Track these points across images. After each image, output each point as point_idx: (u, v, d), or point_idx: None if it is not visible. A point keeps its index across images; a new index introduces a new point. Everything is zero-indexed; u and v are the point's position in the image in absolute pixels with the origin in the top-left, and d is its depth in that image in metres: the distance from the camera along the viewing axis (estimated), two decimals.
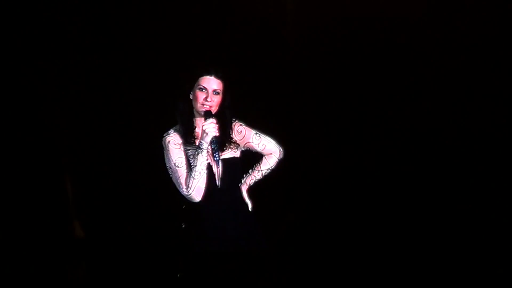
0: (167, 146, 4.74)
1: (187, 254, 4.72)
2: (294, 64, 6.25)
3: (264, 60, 6.13)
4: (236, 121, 4.91)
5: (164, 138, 4.77)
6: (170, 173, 4.75)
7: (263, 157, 4.97)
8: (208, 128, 4.62)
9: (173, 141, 4.75)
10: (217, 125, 4.65)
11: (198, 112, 4.76)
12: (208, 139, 4.63)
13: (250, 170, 4.96)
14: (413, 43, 6.14)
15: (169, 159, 4.75)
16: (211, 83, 4.74)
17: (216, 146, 4.65)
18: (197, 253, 4.67)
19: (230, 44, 6.08)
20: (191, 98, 4.77)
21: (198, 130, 4.81)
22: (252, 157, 4.99)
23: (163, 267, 4.97)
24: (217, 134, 4.65)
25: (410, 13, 6.10)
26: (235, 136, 4.87)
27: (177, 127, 4.82)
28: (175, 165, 4.72)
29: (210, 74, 4.76)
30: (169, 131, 4.79)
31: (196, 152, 4.67)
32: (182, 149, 4.75)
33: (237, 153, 4.87)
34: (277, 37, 6.18)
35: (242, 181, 4.91)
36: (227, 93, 4.78)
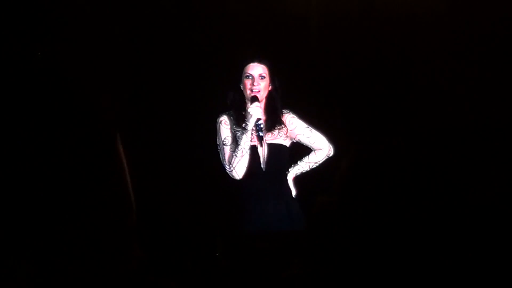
0: (218, 125, 4.99)
1: (227, 233, 4.92)
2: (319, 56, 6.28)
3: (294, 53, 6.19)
4: (290, 112, 5.05)
5: (218, 118, 5.01)
6: (219, 150, 5.01)
7: (313, 151, 5.08)
8: (253, 110, 4.84)
9: (225, 121, 4.98)
10: (262, 108, 4.88)
11: (248, 99, 4.96)
12: (252, 120, 4.84)
13: (298, 161, 5.07)
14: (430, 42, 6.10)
15: (219, 137, 4.99)
16: (256, 69, 4.95)
17: (260, 128, 4.85)
18: (237, 232, 4.84)
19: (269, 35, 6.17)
20: (242, 88, 4.99)
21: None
22: (302, 150, 5.09)
23: (204, 246, 5.04)
24: (261, 117, 4.87)
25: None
26: (287, 126, 5.01)
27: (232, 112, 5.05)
28: (223, 143, 4.96)
29: (254, 61, 4.97)
30: (225, 113, 5.02)
31: (241, 133, 4.89)
32: (232, 130, 4.97)
33: (286, 142, 5.01)
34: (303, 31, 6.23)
35: (290, 169, 5.02)
36: (274, 76, 4.98)
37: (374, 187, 1.53)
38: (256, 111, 4.85)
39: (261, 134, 4.84)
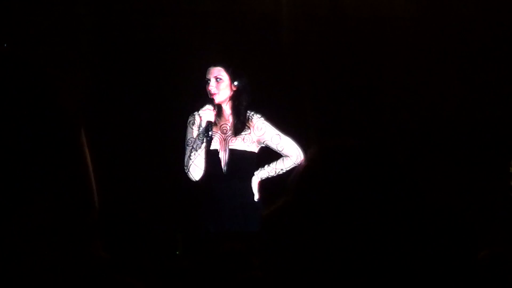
0: (187, 125, 5.03)
1: (184, 233, 4.95)
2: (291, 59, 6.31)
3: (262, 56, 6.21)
4: (261, 117, 5.04)
5: (189, 117, 5.04)
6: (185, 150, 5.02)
7: (281, 158, 5.07)
8: (203, 113, 4.88)
9: (192, 122, 5.01)
10: (213, 111, 4.89)
11: None
12: (203, 123, 4.88)
13: (266, 165, 5.07)
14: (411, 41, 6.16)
15: (185, 137, 5.02)
16: (211, 72, 4.96)
17: (209, 130, 4.88)
18: (192, 231, 4.94)
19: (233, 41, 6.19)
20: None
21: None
22: (272, 154, 5.10)
23: (166, 246, 5.04)
24: (212, 120, 4.88)
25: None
26: (255, 132, 5.00)
27: None
28: (186, 143, 5.00)
29: (211, 65, 4.99)
30: (195, 113, 5.02)
31: (196, 135, 4.91)
32: (195, 131, 4.97)
33: (251, 147, 5.01)
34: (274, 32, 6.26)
35: (255, 173, 5.02)
36: (236, 78, 4.96)
37: (331, 186, 1.54)
38: (207, 114, 4.88)
39: (208, 137, 4.87)
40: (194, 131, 4.97)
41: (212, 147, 4.93)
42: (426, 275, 1.64)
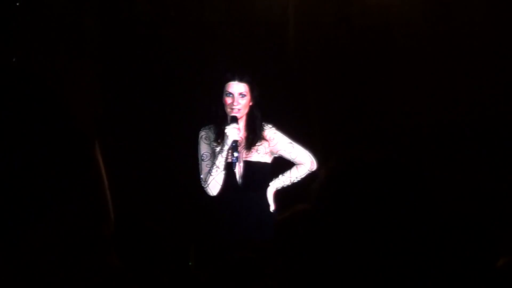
0: (199, 139, 5.01)
1: (201, 243, 4.91)
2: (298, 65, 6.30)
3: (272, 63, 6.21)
4: (272, 127, 5.05)
5: (200, 131, 5.02)
6: (199, 164, 5.01)
7: (295, 166, 5.06)
8: (229, 132, 4.84)
9: (205, 136, 5.00)
10: (239, 130, 4.87)
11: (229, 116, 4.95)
12: (229, 141, 4.84)
13: (280, 175, 5.06)
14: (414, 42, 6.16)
15: (199, 152, 5.00)
16: (236, 87, 4.92)
17: (236, 149, 4.86)
18: (205, 242, 4.92)
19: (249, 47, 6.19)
20: (223, 103, 4.96)
21: None
22: (286, 164, 5.09)
23: (179, 257, 5.04)
24: (238, 138, 4.86)
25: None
26: (267, 142, 5.00)
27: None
28: (201, 158, 4.98)
29: (234, 80, 4.93)
30: (207, 127, 5.03)
31: (218, 152, 4.89)
32: (212, 145, 4.96)
33: (265, 158, 5.00)
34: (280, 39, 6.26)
35: (270, 183, 5.02)
36: (254, 94, 4.95)
37: (350, 196, 1.53)
38: (232, 133, 4.84)
39: (235, 156, 4.85)
40: (207, 146, 4.98)
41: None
42: (445, 283, 1.63)
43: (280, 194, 5.03)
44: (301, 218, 2.12)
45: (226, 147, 4.85)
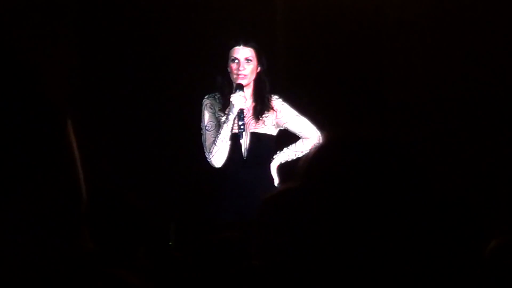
0: (203, 108, 4.86)
1: (204, 222, 4.79)
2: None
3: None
4: (279, 98, 4.90)
5: (204, 100, 4.88)
6: (202, 133, 4.87)
7: (301, 139, 4.92)
8: (235, 100, 4.68)
9: (210, 105, 4.85)
10: (246, 97, 4.71)
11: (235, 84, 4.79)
12: (234, 110, 4.69)
13: (285, 148, 4.92)
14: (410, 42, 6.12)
15: (202, 121, 4.87)
16: (242, 52, 4.77)
17: (242, 118, 4.71)
18: (213, 221, 4.72)
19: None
20: (229, 71, 4.81)
21: None
22: (290, 138, 4.97)
23: (159, 237, 4.96)
24: (244, 107, 4.72)
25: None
26: (274, 113, 4.86)
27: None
28: (205, 128, 4.84)
29: (239, 44, 4.78)
30: (211, 95, 4.88)
31: (223, 121, 4.74)
32: (217, 115, 4.82)
33: (271, 130, 4.87)
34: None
35: (275, 157, 4.88)
36: (261, 60, 4.80)
37: (338, 175, 1.49)
38: (238, 101, 4.69)
39: (241, 128, 4.70)
40: (211, 115, 4.82)
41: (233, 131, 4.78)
42: (434, 266, 1.59)
43: (283, 168, 4.90)
44: (288, 197, 2.08)
45: (231, 116, 4.71)
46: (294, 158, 4.87)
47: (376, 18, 6.04)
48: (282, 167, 4.89)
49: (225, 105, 4.78)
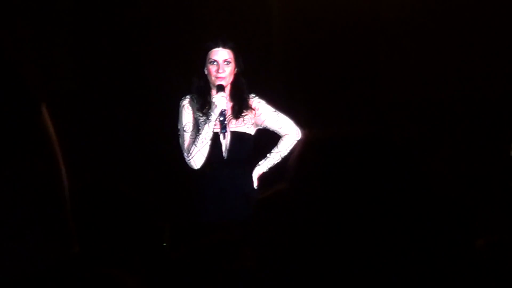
0: (181, 109, 4.86)
1: (181, 223, 4.79)
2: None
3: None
4: (256, 96, 4.91)
5: (181, 101, 4.87)
6: (179, 135, 4.87)
7: (281, 138, 4.92)
8: (218, 101, 4.70)
9: (188, 105, 4.85)
10: (227, 99, 4.73)
11: (214, 86, 4.79)
12: (217, 111, 4.70)
13: (268, 154, 4.90)
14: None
15: (180, 122, 4.86)
16: (220, 54, 4.78)
17: (224, 118, 4.72)
18: (192, 222, 4.73)
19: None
20: (206, 73, 4.81)
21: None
22: (268, 138, 4.96)
23: (153, 238, 4.94)
24: (226, 108, 4.73)
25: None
26: (252, 112, 4.87)
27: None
28: (183, 128, 4.84)
29: (218, 46, 4.79)
30: (188, 96, 4.87)
31: (204, 122, 4.75)
32: (195, 115, 4.83)
33: (251, 129, 4.88)
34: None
35: (260, 163, 4.87)
36: (239, 61, 4.82)
37: (327, 175, 1.49)
38: (221, 102, 4.69)
39: (224, 129, 4.71)
40: (189, 116, 4.83)
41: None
42: (424, 263, 1.59)
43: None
44: (280, 198, 2.08)
45: (213, 117, 4.72)
46: (280, 160, 4.87)
47: (368, 17, 6.06)
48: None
49: (203, 106, 4.80)
